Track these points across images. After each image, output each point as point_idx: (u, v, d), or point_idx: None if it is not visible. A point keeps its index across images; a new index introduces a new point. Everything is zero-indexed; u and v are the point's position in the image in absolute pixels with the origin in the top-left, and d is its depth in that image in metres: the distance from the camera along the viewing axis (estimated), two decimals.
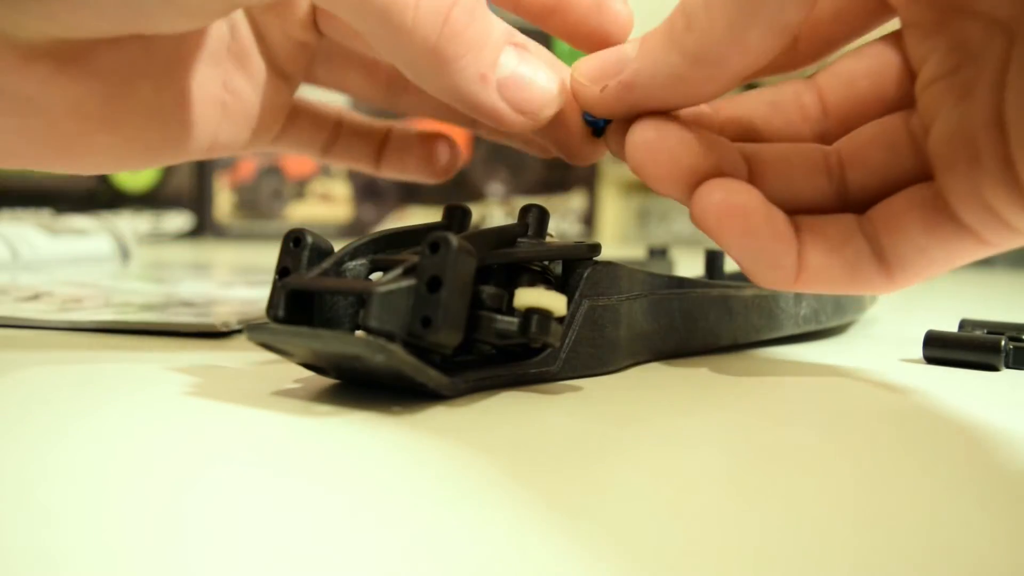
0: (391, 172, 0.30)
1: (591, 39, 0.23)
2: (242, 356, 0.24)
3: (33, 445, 0.15)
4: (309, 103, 0.30)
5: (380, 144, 0.30)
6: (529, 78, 0.20)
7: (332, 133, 0.30)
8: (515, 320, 0.18)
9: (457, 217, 0.21)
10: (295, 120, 0.29)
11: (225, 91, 0.25)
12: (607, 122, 0.21)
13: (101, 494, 0.12)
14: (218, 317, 0.29)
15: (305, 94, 0.29)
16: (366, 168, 0.31)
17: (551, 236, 0.22)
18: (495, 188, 1.08)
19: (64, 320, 0.28)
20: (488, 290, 0.18)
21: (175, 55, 0.24)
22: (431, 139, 0.30)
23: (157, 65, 0.23)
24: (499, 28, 0.20)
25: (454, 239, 0.17)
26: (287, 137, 0.29)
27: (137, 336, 0.27)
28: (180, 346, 0.25)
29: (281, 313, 0.18)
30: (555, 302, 0.18)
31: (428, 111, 0.29)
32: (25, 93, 0.20)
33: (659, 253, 0.54)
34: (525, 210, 0.22)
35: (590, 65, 0.20)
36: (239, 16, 0.25)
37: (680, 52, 0.18)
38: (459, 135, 0.34)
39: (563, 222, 1.10)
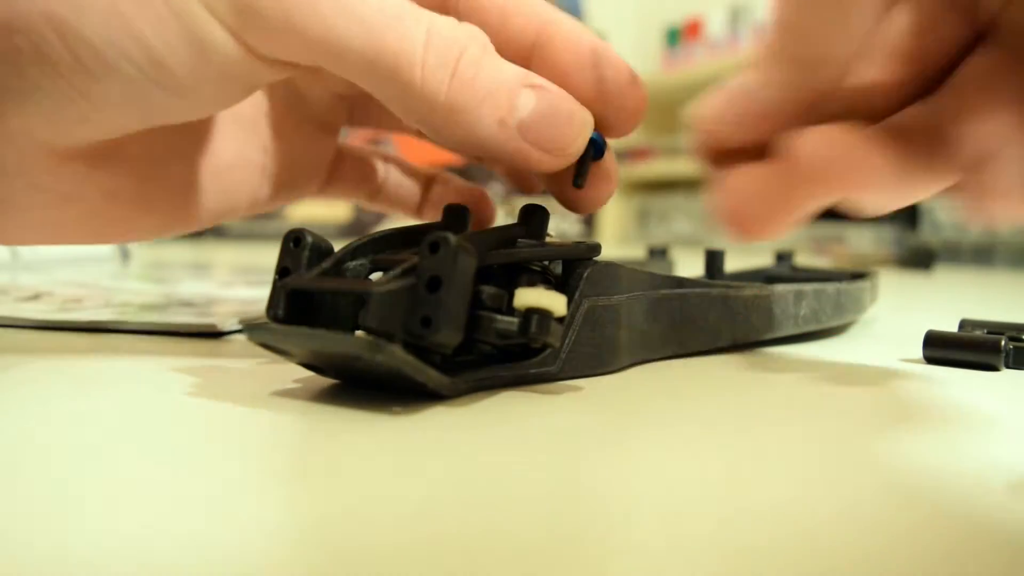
0: (431, 218, 0.30)
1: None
2: (242, 356, 0.24)
3: (31, 444, 0.15)
4: (353, 148, 0.29)
5: (423, 191, 0.30)
6: (551, 115, 0.20)
7: (377, 181, 0.30)
8: (515, 320, 0.18)
9: (457, 217, 0.21)
10: (340, 167, 0.29)
11: (264, 155, 0.25)
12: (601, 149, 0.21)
13: (96, 494, 0.12)
14: (218, 317, 0.29)
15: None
16: (408, 214, 0.30)
17: (551, 236, 0.22)
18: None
19: (64, 320, 0.28)
20: (488, 290, 0.18)
21: (208, 132, 0.24)
22: (470, 193, 0.29)
23: (190, 144, 0.23)
24: (511, 72, 0.19)
25: (453, 239, 0.17)
26: (332, 188, 0.29)
27: (137, 336, 0.27)
28: (180, 346, 0.25)
29: (281, 313, 0.18)
30: (555, 302, 0.18)
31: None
32: (62, 189, 0.21)
33: (659, 253, 0.54)
34: (525, 210, 0.22)
35: (715, 106, 0.19)
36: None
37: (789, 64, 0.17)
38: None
39: (563, 222, 1.10)
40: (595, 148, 0.21)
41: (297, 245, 0.19)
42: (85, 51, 0.18)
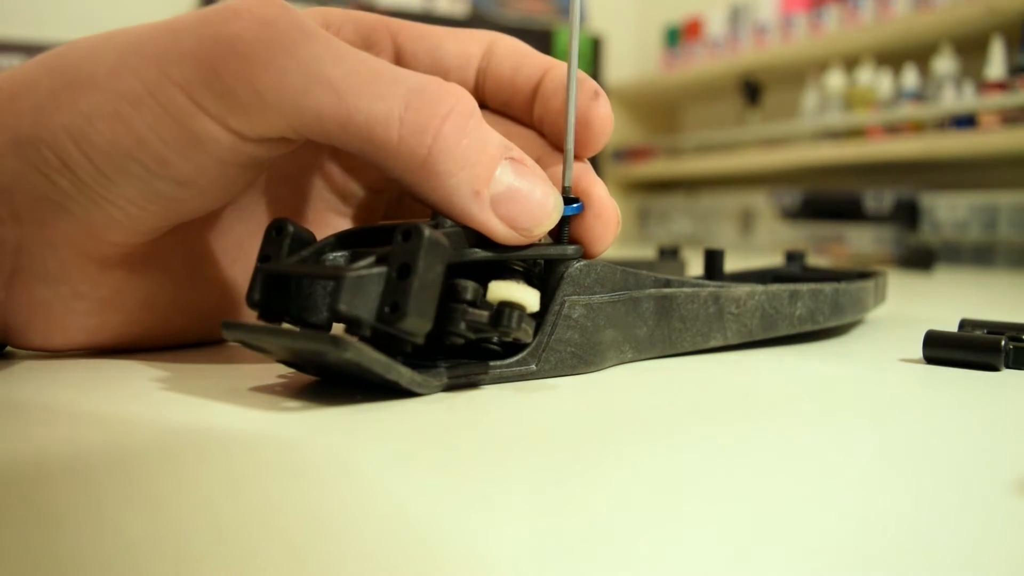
0: None
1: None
2: (240, 355, 0.24)
3: (28, 442, 0.15)
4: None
5: None
6: (525, 194, 0.20)
7: None
8: (485, 313, 0.18)
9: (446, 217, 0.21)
10: None
11: None
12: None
13: (89, 491, 0.12)
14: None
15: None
16: None
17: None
18: None
19: None
20: (463, 283, 0.18)
21: (244, 234, 0.24)
22: None
23: (226, 248, 0.24)
24: (495, 142, 0.19)
25: (426, 229, 0.17)
26: None
27: None
28: (179, 345, 0.25)
29: (256, 297, 0.18)
30: (527, 297, 0.18)
31: None
32: (102, 296, 0.22)
33: (670, 253, 0.52)
34: None
35: None
36: (317, 181, 0.25)
37: None
38: None
39: None
40: (566, 219, 0.21)
41: (279, 234, 0.19)
42: (98, 156, 0.19)
